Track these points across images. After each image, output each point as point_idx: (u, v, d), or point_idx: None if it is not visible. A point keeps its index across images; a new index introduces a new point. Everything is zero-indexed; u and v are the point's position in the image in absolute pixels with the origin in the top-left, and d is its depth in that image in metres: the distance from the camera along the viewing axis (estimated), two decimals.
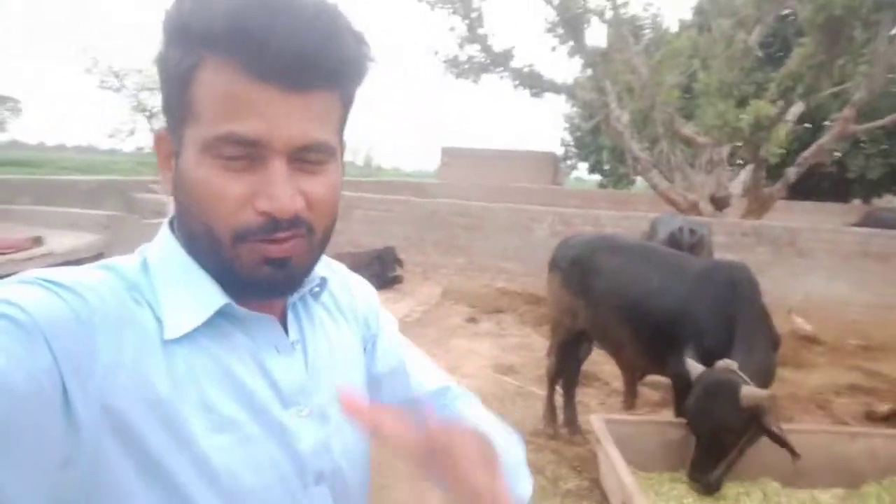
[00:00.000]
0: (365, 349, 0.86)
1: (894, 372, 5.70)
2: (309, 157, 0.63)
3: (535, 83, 11.93)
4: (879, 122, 10.92)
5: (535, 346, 5.75)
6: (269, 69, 0.58)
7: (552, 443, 3.84)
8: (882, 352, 6.44)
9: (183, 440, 0.61)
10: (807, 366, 5.82)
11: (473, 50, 11.75)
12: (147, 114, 16.49)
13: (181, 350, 0.63)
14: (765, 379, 2.83)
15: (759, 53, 11.20)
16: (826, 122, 12.45)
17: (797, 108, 10.91)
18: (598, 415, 2.94)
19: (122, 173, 16.20)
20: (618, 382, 4.61)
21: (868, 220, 10.47)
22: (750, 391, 2.57)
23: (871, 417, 4.64)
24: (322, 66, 0.61)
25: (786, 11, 11.88)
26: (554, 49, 11.72)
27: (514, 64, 11.73)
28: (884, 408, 4.68)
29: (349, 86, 0.66)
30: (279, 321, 0.72)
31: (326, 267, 0.81)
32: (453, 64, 12.00)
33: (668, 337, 3.15)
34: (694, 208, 10.19)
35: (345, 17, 0.63)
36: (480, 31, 11.44)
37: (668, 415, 3.71)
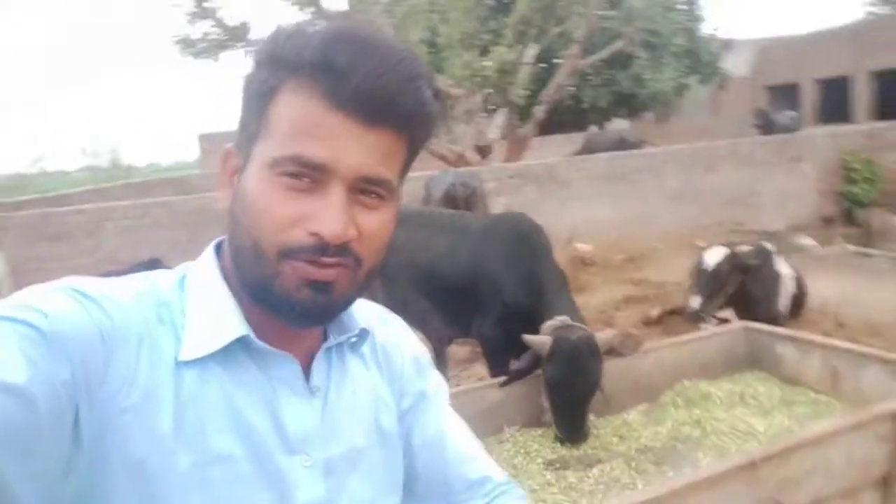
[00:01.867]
0: (405, 414, 0.83)
1: (656, 277, 6.44)
2: (369, 191, 0.64)
3: None
4: (599, 56, 12.23)
5: None
6: (347, 100, 0.61)
7: None
8: (643, 260, 7.26)
9: (173, 467, 0.60)
10: (587, 288, 6.34)
11: (207, 26, 10.80)
12: None
13: (190, 373, 0.63)
14: (580, 317, 2.92)
15: (491, 1, 11.81)
16: (558, 61, 13.57)
17: (532, 51, 11.72)
18: None
19: None
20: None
21: (586, 146, 11.70)
22: (603, 338, 2.63)
23: (647, 322, 5.18)
24: (397, 107, 0.63)
25: None
26: (294, 18, 11.20)
27: (253, 36, 11.01)
28: (655, 312, 5.25)
29: (417, 134, 0.67)
30: (306, 364, 0.71)
31: (381, 321, 0.83)
32: (187, 43, 10.95)
33: (465, 299, 3.11)
34: (461, 159, 10.55)
35: (426, 70, 0.66)
36: (207, 4, 10.52)
37: (480, 370, 3.73)
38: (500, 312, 2.98)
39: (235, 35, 10.91)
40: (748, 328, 3.34)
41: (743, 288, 4.12)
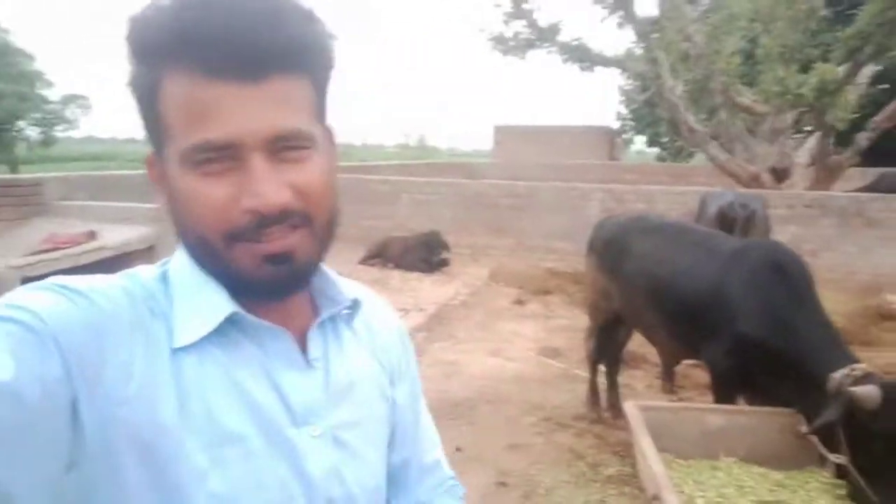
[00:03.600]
0: (393, 387, 0.83)
1: None
2: (287, 147, 0.62)
3: (583, 57, 11.62)
4: None
5: (582, 328, 5.63)
6: (218, 64, 0.58)
7: (595, 427, 3.76)
8: None
9: (186, 453, 0.60)
10: (877, 343, 5.49)
11: (519, 26, 11.54)
12: None
13: (189, 359, 0.63)
14: None
15: (826, 13, 10.54)
16: None
17: (870, 70, 10.23)
18: (633, 402, 2.83)
19: None
20: None
21: (881, 184, 9.39)
22: None
23: None
24: (270, 50, 0.59)
25: None
26: (603, 21, 11.38)
27: (562, 38, 11.44)
28: None
29: (312, 68, 0.64)
30: (302, 338, 0.71)
31: (364, 297, 0.80)
32: (499, 41, 11.83)
33: (698, 321, 2.98)
34: (755, 180, 9.76)
35: None
36: (525, 6, 11.21)
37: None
38: (733, 343, 2.80)
39: (545, 36, 11.48)
40: None
41: None
